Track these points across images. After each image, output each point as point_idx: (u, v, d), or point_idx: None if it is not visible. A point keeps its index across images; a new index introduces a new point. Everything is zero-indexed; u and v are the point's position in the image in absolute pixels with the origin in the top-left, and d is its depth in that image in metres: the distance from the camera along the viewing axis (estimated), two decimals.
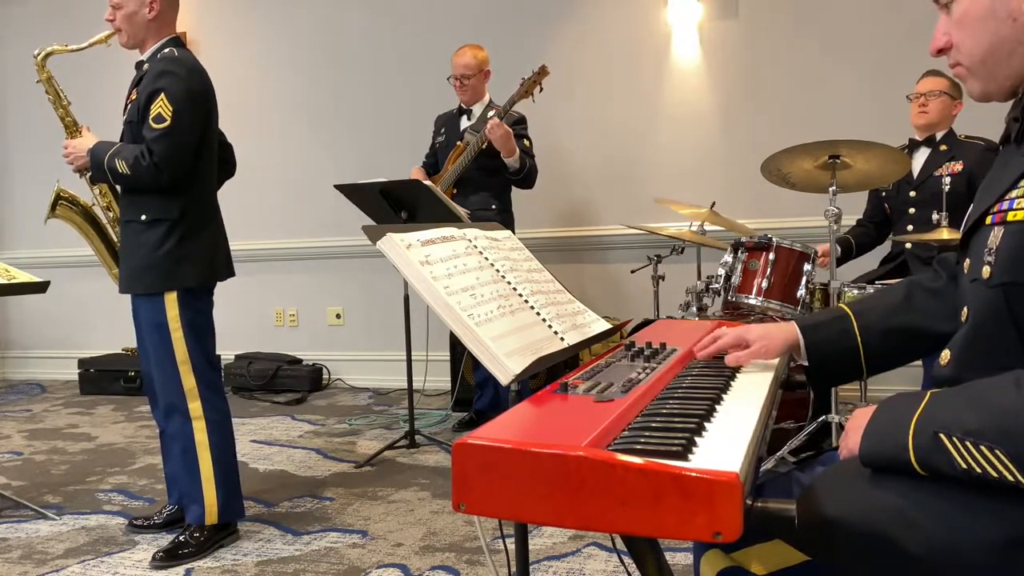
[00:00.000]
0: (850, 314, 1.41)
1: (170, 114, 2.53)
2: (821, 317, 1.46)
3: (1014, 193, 1.12)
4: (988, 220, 1.16)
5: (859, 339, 1.39)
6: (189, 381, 2.64)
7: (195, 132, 2.60)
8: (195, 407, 2.64)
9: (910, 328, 1.37)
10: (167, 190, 2.59)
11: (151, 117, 2.54)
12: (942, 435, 0.99)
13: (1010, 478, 0.95)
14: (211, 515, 2.63)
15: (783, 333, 1.42)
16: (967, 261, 1.21)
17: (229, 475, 2.69)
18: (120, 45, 2.74)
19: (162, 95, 2.54)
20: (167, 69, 2.58)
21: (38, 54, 2.83)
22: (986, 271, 1.13)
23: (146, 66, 2.67)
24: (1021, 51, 1.13)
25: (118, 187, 2.75)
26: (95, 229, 2.95)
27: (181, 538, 2.61)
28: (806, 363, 1.42)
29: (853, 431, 1.13)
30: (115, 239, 2.92)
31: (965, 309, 1.19)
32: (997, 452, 0.95)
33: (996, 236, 1.13)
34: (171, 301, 2.61)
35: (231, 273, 2.83)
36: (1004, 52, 1.13)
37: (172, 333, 2.62)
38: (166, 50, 2.65)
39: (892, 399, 1.11)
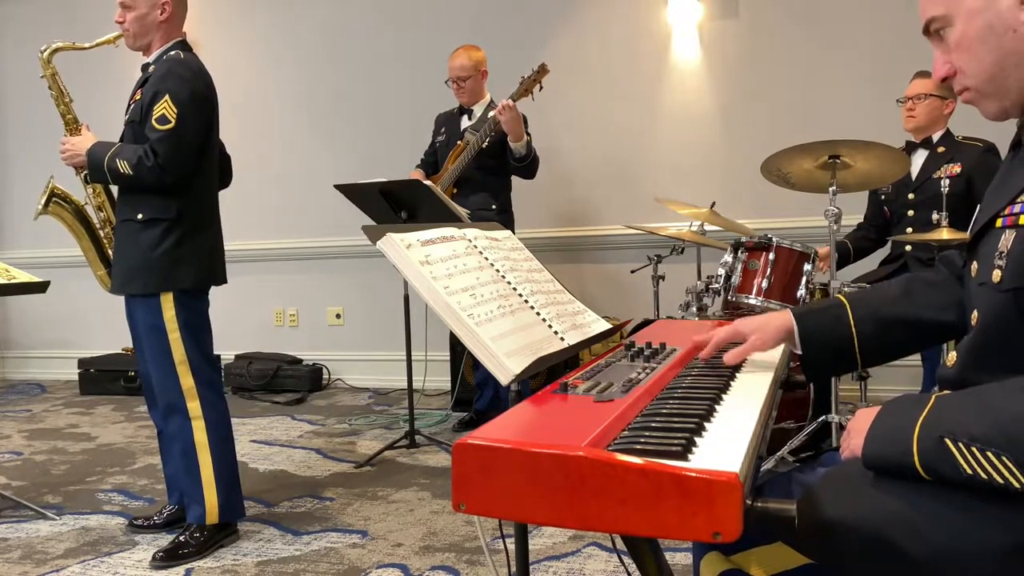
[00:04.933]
0: (845, 303, 1.40)
1: (174, 116, 2.53)
2: (816, 306, 1.45)
3: None
4: (999, 223, 1.14)
5: (854, 328, 1.37)
6: (187, 381, 2.64)
7: (198, 134, 2.61)
8: (194, 407, 2.64)
9: (906, 318, 1.36)
10: (170, 191, 2.59)
11: (155, 118, 2.54)
12: (947, 440, 0.98)
13: (1016, 484, 0.94)
14: (212, 515, 2.63)
15: (777, 322, 1.40)
16: (975, 264, 1.19)
17: (229, 475, 2.69)
18: (127, 46, 2.74)
19: (166, 96, 2.55)
20: (172, 71, 2.59)
21: (44, 49, 2.84)
22: (996, 275, 1.11)
23: (152, 68, 2.67)
24: None
25: (115, 187, 2.74)
26: (85, 228, 2.94)
27: (181, 538, 2.61)
28: (799, 351, 1.41)
29: (856, 432, 1.12)
30: (104, 239, 2.92)
31: (975, 313, 1.18)
32: (1003, 458, 0.95)
33: (1007, 239, 1.11)
34: (167, 302, 2.61)
35: (224, 279, 2.83)
36: (1011, 65, 1.12)
37: (169, 334, 2.61)
38: (172, 52, 2.65)
39: (896, 401, 1.10)
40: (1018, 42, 1.11)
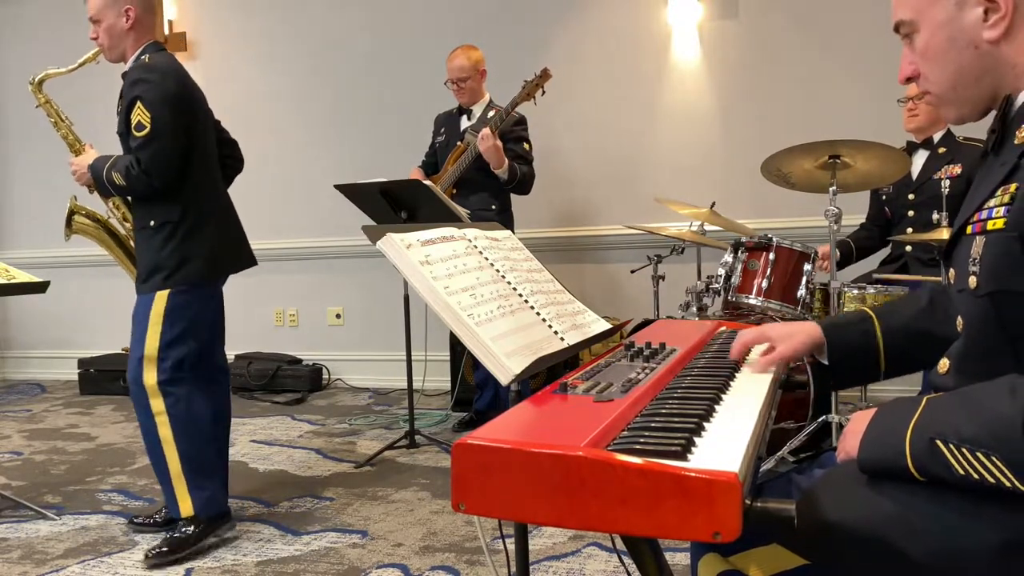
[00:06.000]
0: (873, 316, 1.42)
1: (149, 120, 2.53)
2: (844, 319, 1.47)
3: (992, 202, 1.13)
4: (969, 230, 1.17)
5: (880, 341, 1.40)
6: (151, 377, 2.63)
7: (179, 134, 2.59)
8: (156, 403, 2.64)
9: (931, 333, 1.37)
10: (166, 194, 2.61)
11: (132, 126, 2.55)
12: (939, 442, 1.00)
13: (1007, 483, 0.95)
14: (185, 508, 2.63)
15: (804, 333, 1.42)
16: (952, 272, 1.21)
17: (201, 468, 2.66)
18: (106, 60, 2.75)
19: (139, 103, 2.55)
20: (140, 77, 2.59)
21: (32, 80, 2.88)
22: (972, 281, 1.13)
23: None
24: (987, 76, 1.14)
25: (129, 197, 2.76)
26: (115, 241, 2.97)
27: (173, 534, 2.62)
28: (826, 362, 1.42)
29: (851, 435, 1.13)
30: (134, 249, 2.94)
31: (960, 319, 1.19)
32: (994, 459, 0.96)
33: (978, 246, 1.13)
34: (159, 299, 2.62)
35: (250, 263, 2.84)
36: (971, 79, 1.15)
37: (150, 327, 2.62)
38: (142, 57, 2.65)
39: (889, 405, 1.11)
40: (979, 59, 1.13)
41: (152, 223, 2.64)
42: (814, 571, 1.08)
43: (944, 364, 1.21)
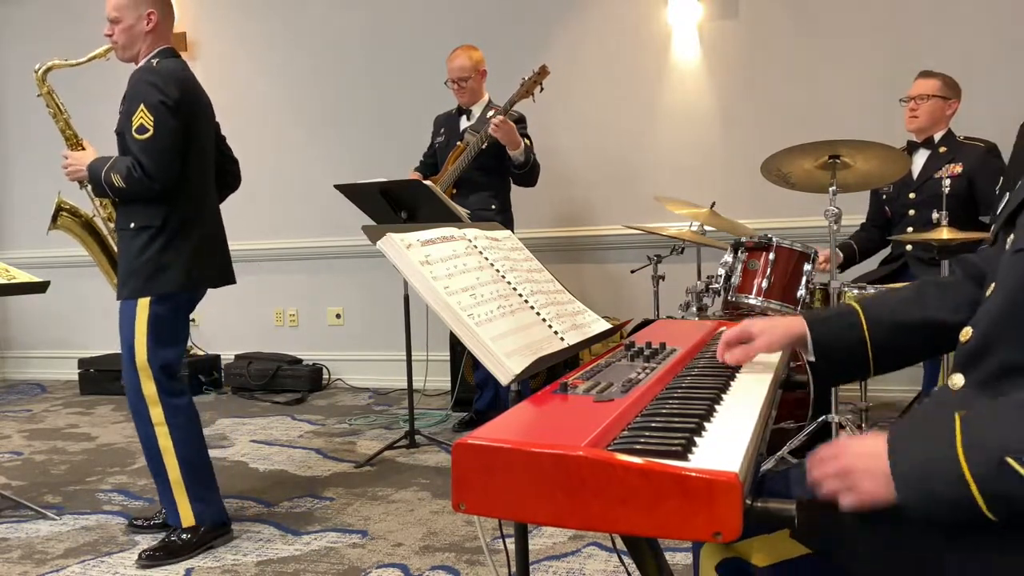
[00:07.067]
0: (858, 309, 1.37)
1: (152, 124, 2.52)
2: (829, 312, 1.43)
3: None
4: None
5: (867, 333, 1.34)
6: (149, 387, 2.62)
7: (178, 138, 2.58)
8: (156, 413, 2.63)
9: (920, 321, 1.32)
10: (158, 198, 2.59)
11: (133, 128, 2.54)
12: (1011, 459, 0.89)
13: None
14: (186, 518, 2.62)
15: (786, 326, 1.38)
16: (1011, 237, 1.16)
17: (200, 478, 2.66)
18: (117, 59, 2.74)
19: (142, 105, 2.54)
20: (145, 79, 2.58)
21: (38, 69, 2.87)
22: None
23: None
24: None
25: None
26: (95, 240, 2.96)
27: (171, 538, 2.61)
28: (812, 358, 1.38)
29: (866, 477, 0.98)
30: (115, 249, 2.93)
31: (993, 284, 1.15)
32: None
33: None
34: (142, 307, 2.61)
35: (226, 281, 2.81)
36: None
37: (136, 338, 2.61)
38: (152, 61, 2.65)
39: (899, 429, 1.02)
40: None
41: (132, 225, 2.62)
42: (819, 560, 1.07)
43: (967, 332, 1.16)
